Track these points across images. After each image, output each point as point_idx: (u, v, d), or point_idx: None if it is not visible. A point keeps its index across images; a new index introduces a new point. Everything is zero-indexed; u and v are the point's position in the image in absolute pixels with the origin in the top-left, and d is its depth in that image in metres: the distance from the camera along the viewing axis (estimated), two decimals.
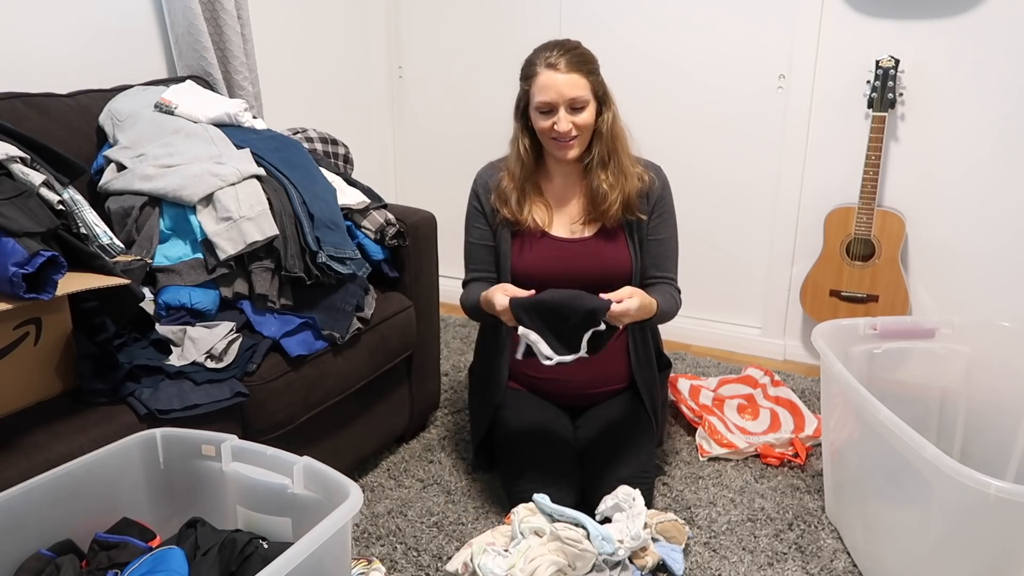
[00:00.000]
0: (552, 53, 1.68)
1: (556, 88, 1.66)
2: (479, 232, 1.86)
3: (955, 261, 2.39)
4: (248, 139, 1.90)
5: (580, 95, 1.67)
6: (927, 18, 2.24)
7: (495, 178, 1.83)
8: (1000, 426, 1.79)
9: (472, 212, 1.88)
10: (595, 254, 1.80)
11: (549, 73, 1.66)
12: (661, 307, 1.72)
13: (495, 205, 1.82)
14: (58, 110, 1.83)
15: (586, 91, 1.68)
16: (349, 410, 1.88)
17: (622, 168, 1.76)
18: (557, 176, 1.84)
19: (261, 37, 2.45)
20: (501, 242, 1.83)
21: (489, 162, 1.90)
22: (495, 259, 1.85)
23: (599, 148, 1.75)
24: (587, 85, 1.68)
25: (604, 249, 1.80)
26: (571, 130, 1.69)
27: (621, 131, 1.77)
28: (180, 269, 1.64)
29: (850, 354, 1.80)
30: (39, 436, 1.32)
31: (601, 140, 1.75)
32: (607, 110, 1.74)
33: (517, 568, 1.49)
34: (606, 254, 1.80)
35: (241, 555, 1.25)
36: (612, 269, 1.79)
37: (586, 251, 1.80)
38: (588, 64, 1.70)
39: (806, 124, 2.46)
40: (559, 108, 1.67)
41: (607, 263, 1.80)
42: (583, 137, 1.73)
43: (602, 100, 1.74)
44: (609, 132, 1.74)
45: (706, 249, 2.71)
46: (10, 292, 1.22)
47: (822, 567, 1.67)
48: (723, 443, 2.07)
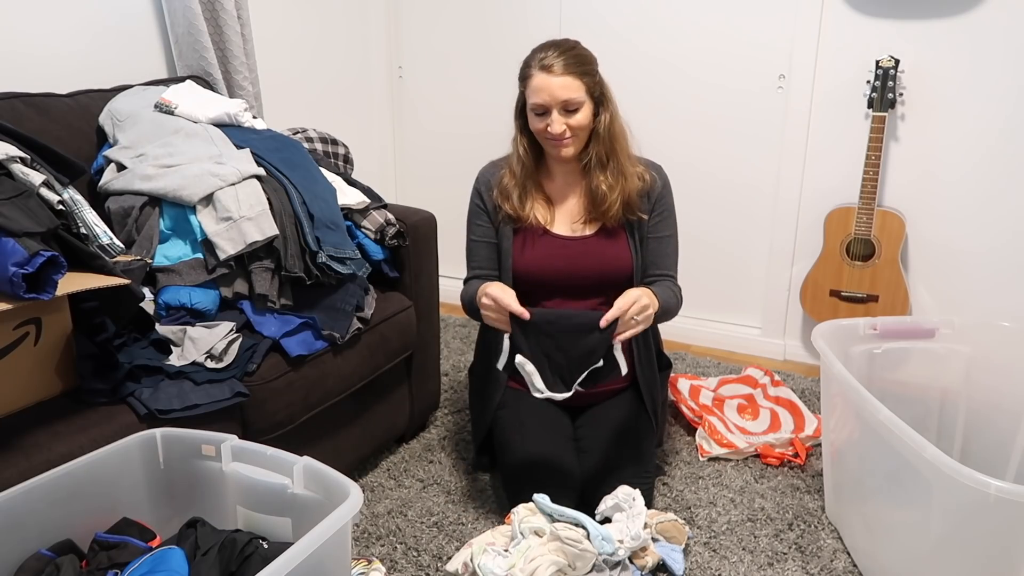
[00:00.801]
0: (547, 54, 1.67)
1: (548, 90, 1.66)
2: (481, 230, 1.86)
3: (955, 261, 2.39)
4: (248, 139, 1.90)
5: (573, 97, 1.67)
6: (927, 18, 2.24)
7: (497, 175, 1.84)
8: (1000, 426, 1.78)
9: (474, 209, 1.88)
10: (596, 253, 1.80)
11: (542, 75, 1.66)
12: (663, 305, 1.69)
13: (497, 201, 1.82)
14: (58, 110, 1.83)
15: (580, 93, 1.67)
16: (349, 410, 1.88)
17: (621, 169, 1.76)
18: (558, 175, 1.84)
19: (261, 37, 2.45)
20: (503, 239, 1.83)
21: (491, 161, 1.90)
22: (497, 257, 1.85)
23: (597, 149, 1.75)
24: (581, 86, 1.67)
25: (605, 248, 1.80)
26: (564, 131, 1.69)
27: (620, 131, 1.76)
28: (180, 269, 1.64)
29: (850, 354, 1.80)
30: (39, 436, 1.32)
31: (599, 141, 1.74)
32: (604, 110, 1.73)
33: (517, 568, 1.49)
34: (607, 253, 1.80)
35: (241, 555, 1.25)
36: (613, 267, 1.80)
37: (587, 249, 1.80)
38: (583, 65, 1.69)
39: (806, 124, 2.46)
40: (552, 110, 1.67)
41: (608, 261, 1.80)
42: (579, 137, 1.72)
43: (599, 100, 1.73)
44: (607, 133, 1.74)
45: (706, 249, 2.71)
46: (10, 292, 1.22)
47: (822, 567, 1.67)
48: (723, 443, 2.07)
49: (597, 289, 1.81)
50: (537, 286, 1.81)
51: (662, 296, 1.69)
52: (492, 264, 1.86)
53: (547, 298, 1.82)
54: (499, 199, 1.81)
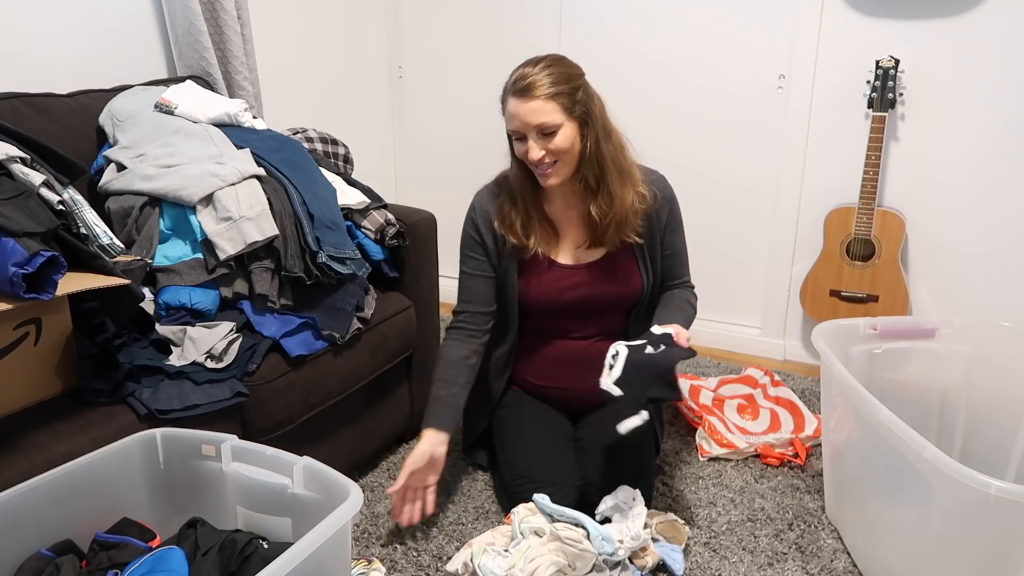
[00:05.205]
0: (521, 78, 1.58)
1: (520, 116, 1.58)
2: (475, 263, 1.79)
3: (955, 261, 2.39)
4: (248, 139, 1.90)
5: (547, 121, 1.57)
6: (927, 18, 2.24)
7: (495, 204, 1.77)
8: (1000, 426, 1.78)
9: (468, 241, 1.80)
10: (604, 279, 1.76)
11: (514, 101, 1.59)
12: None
13: (500, 232, 1.74)
14: (58, 110, 1.83)
15: (555, 115, 1.57)
16: (349, 410, 1.88)
17: (611, 192, 1.66)
18: (557, 198, 1.76)
19: (261, 37, 2.45)
20: (507, 274, 1.77)
21: (484, 186, 1.82)
22: (493, 292, 1.80)
23: (585, 172, 1.65)
24: (556, 108, 1.57)
25: (614, 273, 1.76)
26: (544, 157, 1.60)
27: (612, 152, 1.65)
28: (180, 269, 1.64)
29: (850, 354, 1.80)
30: (39, 436, 1.31)
31: (587, 164, 1.64)
32: (590, 130, 1.62)
33: (517, 568, 1.49)
34: (616, 278, 1.76)
35: (241, 555, 1.25)
36: (623, 292, 1.77)
37: (594, 277, 1.76)
38: (560, 84, 1.58)
39: (806, 124, 2.46)
40: (528, 136, 1.59)
41: (617, 287, 1.76)
42: (563, 162, 1.63)
43: (583, 119, 1.62)
44: (593, 155, 1.63)
45: (706, 249, 2.71)
46: (10, 292, 1.22)
47: (822, 567, 1.67)
48: (723, 443, 2.07)
49: (607, 311, 1.80)
50: (544, 315, 1.81)
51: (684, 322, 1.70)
52: (483, 300, 1.80)
53: (554, 323, 1.81)
54: (502, 229, 1.74)
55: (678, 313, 1.74)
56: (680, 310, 1.76)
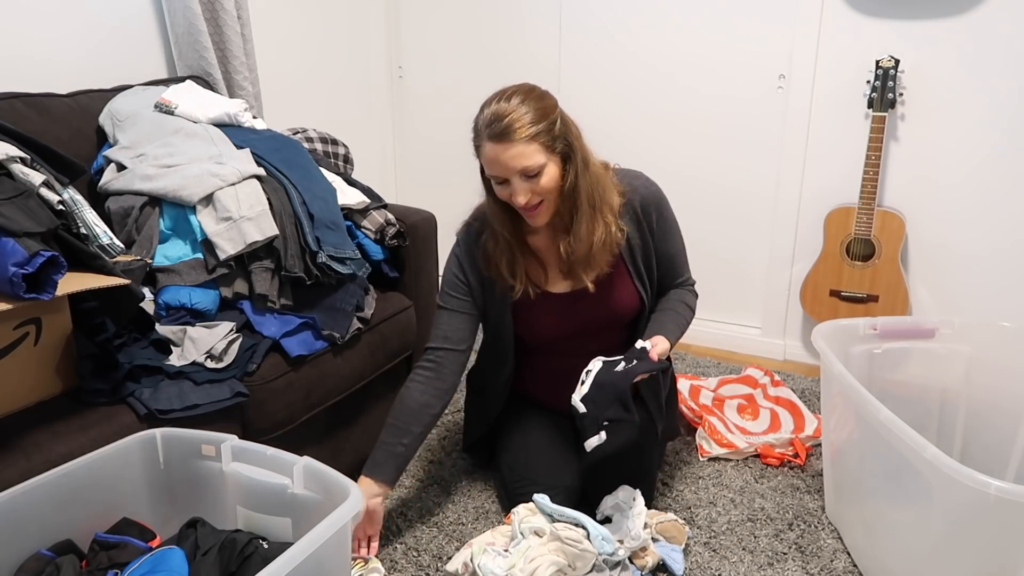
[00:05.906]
0: (496, 118, 1.49)
1: (501, 163, 1.50)
2: (455, 301, 1.73)
3: (955, 261, 2.39)
4: (248, 139, 1.90)
5: (530, 164, 1.49)
6: (927, 18, 2.24)
7: (479, 243, 1.71)
8: (1000, 426, 1.78)
9: (451, 280, 1.73)
10: (599, 302, 1.72)
11: (492, 146, 1.50)
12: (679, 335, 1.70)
13: (488, 274, 1.70)
14: (58, 110, 1.83)
15: (538, 156, 1.49)
16: (349, 410, 1.88)
17: (579, 230, 1.60)
18: (540, 229, 1.69)
19: (261, 37, 2.45)
20: (502, 314, 1.74)
21: (464, 223, 1.76)
22: (473, 331, 1.75)
23: (561, 207, 1.59)
24: (538, 149, 1.49)
25: (608, 295, 1.72)
26: (531, 199, 1.54)
27: (587, 184, 1.58)
28: (180, 269, 1.64)
29: (850, 354, 1.80)
30: (39, 436, 1.32)
31: (563, 199, 1.58)
32: (572, 164, 1.55)
33: (517, 568, 1.49)
34: (611, 299, 1.73)
35: (241, 555, 1.25)
36: (619, 311, 1.75)
37: (589, 303, 1.72)
38: (539, 124, 1.49)
39: (806, 124, 2.46)
40: (511, 179, 1.52)
41: (613, 308, 1.74)
42: (550, 200, 1.57)
43: (565, 154, 1.55)
44: (571, 190, 1.57)
45: (706, 249, 2.71)
46: (10, 292, 1.22)
47: (822, 567, 1.67)
48: (723, 443, 2.07)
49: (606, 329, 1.78)
50: (540, 346, 1.80)
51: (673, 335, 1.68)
52: (460, 336, 1.72)
53: (555, 347, 1.80)
54: (488, 271, 1.69)
55: (670, 320, 1.72)
56: (673, 314, 1.74)
